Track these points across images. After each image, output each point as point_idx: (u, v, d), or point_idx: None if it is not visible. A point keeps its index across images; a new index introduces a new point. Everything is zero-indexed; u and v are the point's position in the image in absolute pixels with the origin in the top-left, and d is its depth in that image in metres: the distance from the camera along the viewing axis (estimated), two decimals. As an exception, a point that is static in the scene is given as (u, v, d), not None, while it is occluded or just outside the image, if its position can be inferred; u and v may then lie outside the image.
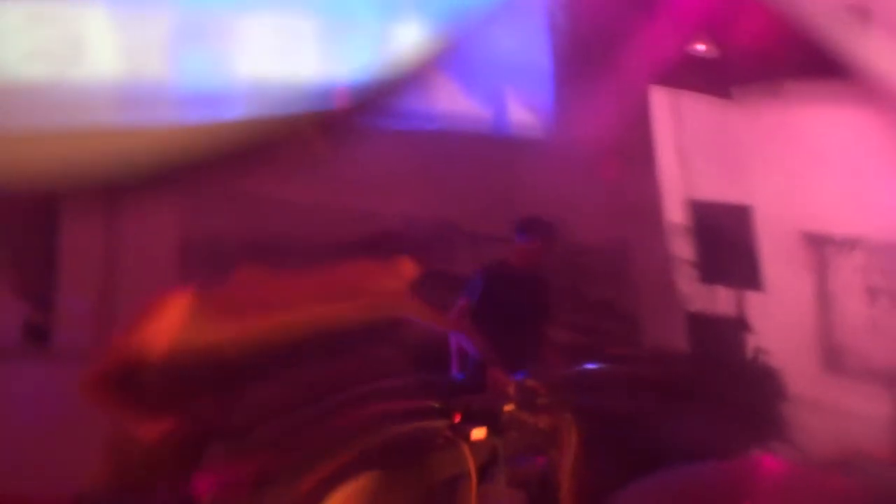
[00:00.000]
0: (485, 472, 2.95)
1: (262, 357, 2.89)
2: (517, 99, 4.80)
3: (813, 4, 4.29)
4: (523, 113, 4.80)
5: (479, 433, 2.97)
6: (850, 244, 4.51)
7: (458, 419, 2.93)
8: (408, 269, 3.31)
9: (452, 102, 4.50)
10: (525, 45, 4.78)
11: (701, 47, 4.88)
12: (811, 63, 4.33)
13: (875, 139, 4.22)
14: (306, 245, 4.09)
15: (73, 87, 3.68)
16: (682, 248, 4.71)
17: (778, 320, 4.48)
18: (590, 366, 3.76)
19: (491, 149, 4.35)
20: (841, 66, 4.16)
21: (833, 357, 4.42)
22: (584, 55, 4.81)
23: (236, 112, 3.77)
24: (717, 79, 5.03)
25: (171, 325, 2.82)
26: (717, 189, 4.73)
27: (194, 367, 2.82)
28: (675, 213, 4.74)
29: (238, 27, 3.99)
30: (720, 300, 4.66)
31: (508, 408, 3.09)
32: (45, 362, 3.83)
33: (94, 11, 3.79)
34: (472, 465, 2.86)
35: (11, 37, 3.66)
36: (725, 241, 4.67)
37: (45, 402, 3.64)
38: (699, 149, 4.80)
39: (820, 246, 4.63)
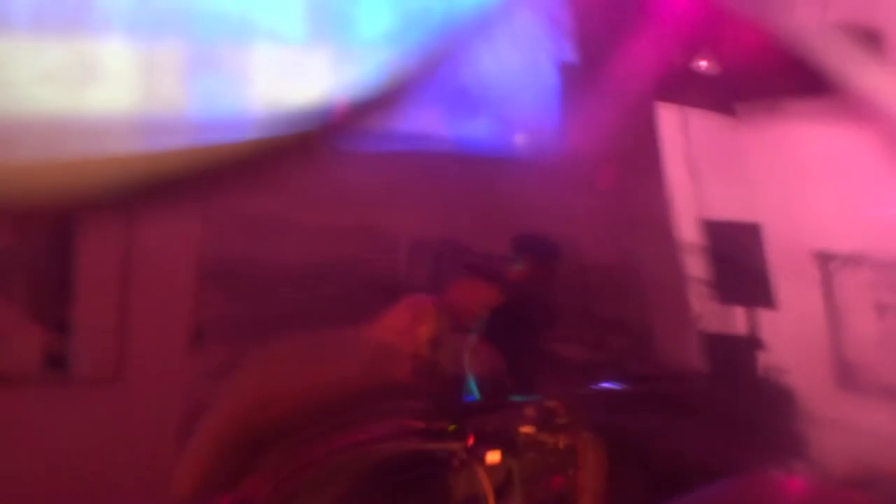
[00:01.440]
0: (501, 493, 2.95)
1: None
2: (525, 117, 4.84)
3: (810, 28, 4.35)
4: (531, 131, 4.84)
5: (494, 456, 2.97)
6: (855, 260, 4.53)
7: (472, 441, 2.94)
8: (490, 296, 3.35)
9: (457, 122, 4.54)
10: (528, 61, 4.82)
11: (703, 63, 4.93)
12: (812, 81, 4.38)
13: (876, 156, 4.26)
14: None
15: (88, 113, 3.75)
16: (694, 266, 4.73)
17: (790, 338, 4.49)
18: (604, 384, 3.77)
19: (500, 168, 4.38)
20: (840, 85, 4.20)
21: (846, 374, 4.42)
22: (587, 71, 4.86)
23: (243, 135, 3.83)
24: (720, 95, 5.07)
25: (424, 330, 3.07)
26: (726, 206, 4.75)
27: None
28: (686, 230, 4.77)
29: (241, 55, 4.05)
30: (733, 318, 4.67)
31: (526, 429, 3.10)
32: (64, 388, 3.85)
33: (109, 37, 3.86)
34: (487, 488, 2.87)
35: (25, 61, 3.73)
36: (736, 259, 4.68)
37: (64, 428, 3.67)
38: (708, 165, 4.83)
39: (827, 263, 4.65)
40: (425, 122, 4.40)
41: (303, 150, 3.86)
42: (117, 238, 3.97)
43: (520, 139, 4.73)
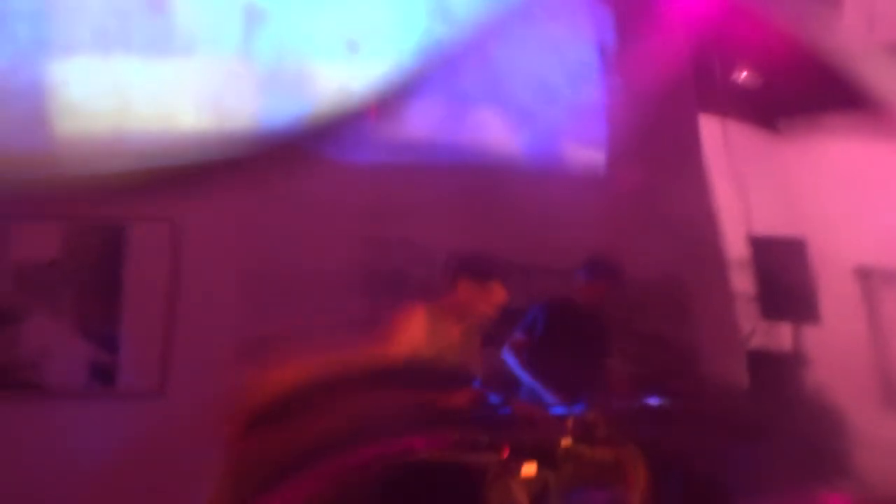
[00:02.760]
0: (539, 504, 2.94)
1: None
2: (573, 133, 4.85)
3: (849, 44, 4.32)
4: (579, 147, 4.86)
5: (529, 468, 2.96)
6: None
7: (507, 453, 2.94)
8: (499, 295, 3.36)
9: (506, 137, 4.57)
10: (576, 77, 4.84)
11: (743, 74, 4.91)
12: (852, 98, 4.35)
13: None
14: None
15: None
16: (739, 282, 4.69)
17: (835, 355, 4.43)
18: (650, 400, 3.74)
19: (548, 183, 4.40)
20: (882, 103, 4.17)
21: (891, 393, 4.35)
22: (633, 86, 4.86)
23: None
24: (761, 109, 5.05)
25: (414, 335, 3.19)
26: (769, 221, 4.71)
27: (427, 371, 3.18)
28: (733, 246, 4.74)
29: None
30: (777, 335, 4.62)
31: (565, 442, 3.09)
32: (111, 402, 3.92)
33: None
34: (522, 499, 2.86)
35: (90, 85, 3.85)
36: (780, 274, 4.64)
37: (108, 440, 3.73)
38: (751, 179, 4.80)
39: (867, 279, 4.60)
40: (463, 134, 4.45)
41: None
42: (165, 252, 4.04)
43: (562, 151, 4.75)
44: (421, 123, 4.39)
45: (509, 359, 3.98)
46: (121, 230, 4.04)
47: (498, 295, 3.37)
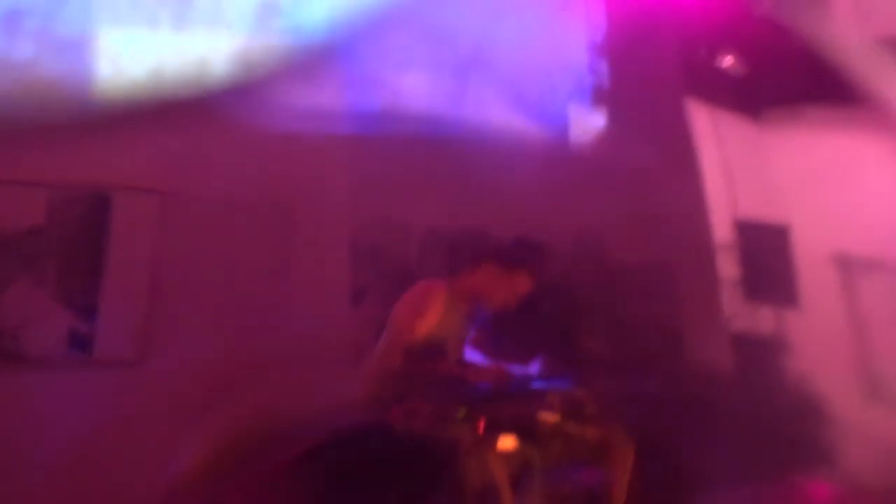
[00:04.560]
0: (520, 483, 2.90)
1: None
2: (557, 113, 4.84)
3: (842, 37, 4.32)
4: (563, 126, 4.85)
5: (506, 442, 2.93)
6: (876, 266, 4.48)
7: (482, 427, 2.90)
8: (524, 284, 3.33)
9: (488, 113, 4.54)
10: (565, 58, 4.83)
11: (728, 60, 4.91)
12: (839, 90, 4.36)
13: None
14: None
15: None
16: (724, 266, 4.69)
17: (817, 343, 4.44)
18: (632, 383, 3.73)
19: (528, 160, 4.38)
20: (869, 95, 4.18)
21: (872, 382, 4.35)
22: (621, 70, 4.86)
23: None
24: (748, 99, 5.05)
25: (432, 314, 3.15)
26: (753, 207, 4.72)
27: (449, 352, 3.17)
28: (717, 229, 4.73)
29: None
30: (760, 320, 4.61)
31: (549, 417, 3.05)
32: (89, 370, 3.88)
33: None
34: (499, 474, 2.83)
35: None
36: (765, 259, 4.64)
37: (88, 409, 3.69)
38: (736, 166, 4.80)
39: (848, 267, 4.61)
40: (443, 109, 4.42)
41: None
42: (149, 222, 4.01)
43: (546, 130, 4.74)
44: (400, 97, 4.37)
45: (474, 356, 3.95)
46: (107, 198, 4.00)
47: (522, 284, 3.32)
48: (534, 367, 3.27)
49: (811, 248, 4.60)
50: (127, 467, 3.57)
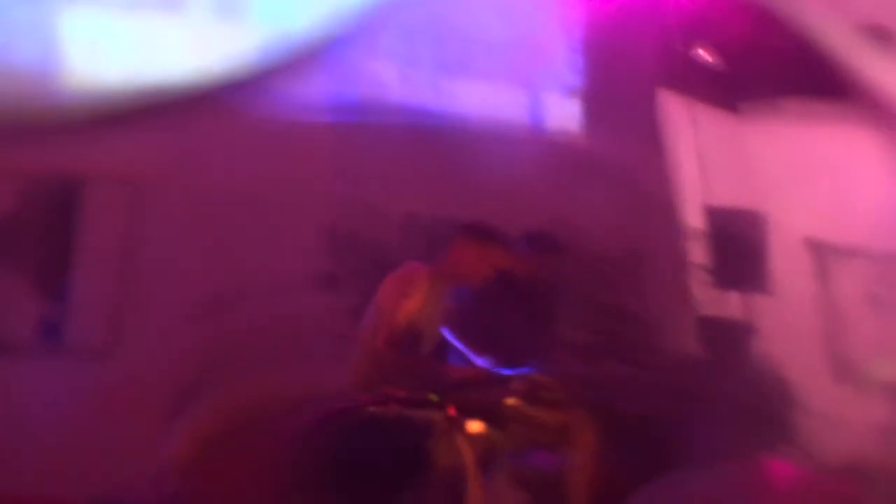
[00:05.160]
0: (486, 466, 2.95)
1: None
2: (532, 99, 4.86)
3: (824, 23, 4.36)
4: (537, 113, 4.87)
5: (475, 426, 2.99)
6: (851, 253, 4.57)
7: (453, 411, 2.95)
8: (501, 257, 3.35)
9: (467, 102, 4.56)
10: (542, 50, 4.85)
11: (704, 52, 4.95)
12: (815, 81, 4.41)
13: (874, 155, 4.30)
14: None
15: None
16: (696, 253, 4.75)
17: (787, 327, 4.51)
18: (602, 367, 3.79)
19: (504, 147, 4.40)
20: (848, 82, 4.22)
21: (840, 365, 4.44)
22: (597, 61, 4.88)
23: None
24: (725, 90, 5.09)
25: (415, 298, 3.12)
26: (727, 195, 4.78)
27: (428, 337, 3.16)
28: (689, 217, 4.80)
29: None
30: (730, 306, 4.69)
31: (512, 402, 3.10)
32: (60, 358, 3.86)
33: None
34: (468, 457, 2.88)
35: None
36: (735, 245, 4.71)
37: (59, 398, 3.67)
38: (711, 155, 4.85)
39: (822, 254, 4.69)
40: (422, 99, 4.43)
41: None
42: (121, 210, 3.98)
43: (522, 117, 4.76)
44: (380, 85, 4.37)
45: (450, 339, 3.98)
46: (78, 186, 3.97)
47: (499, 257, 3.35)
48: (524, 369, 3.29)
49: (786, 234, 4.65)
50: (101, 456, 3.56)
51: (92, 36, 3.78)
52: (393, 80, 4.40)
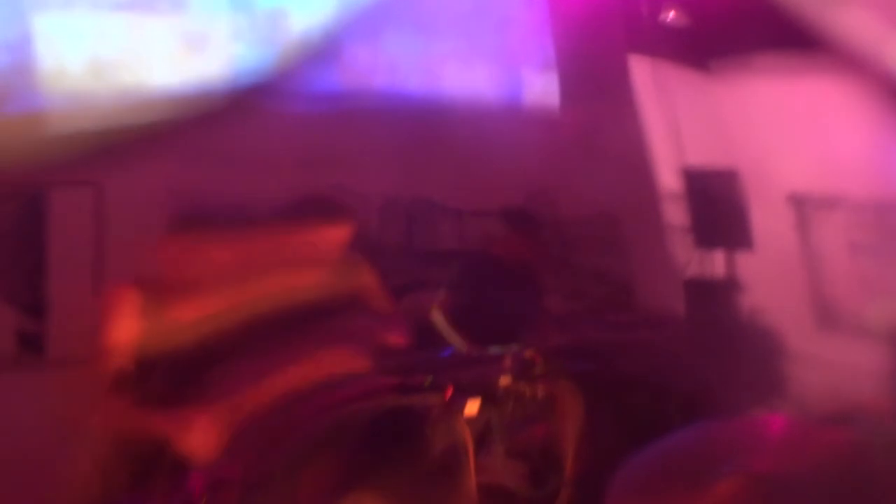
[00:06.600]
0: (482, 444, 2.95)
1: (227, 337, 2.74)
2: (503, 71, 4.83)
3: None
4: (509, 86, 4.84)
5: (472, 407, 2.98)
6: (829, 203, 4.56)
7: (450, 393, 2.94)
8: (339, 235, 3.04)
9: (439, 77, 4.52)
10: (513, 21, 4.81)
11: (671, 14, 4.92)
12: (784, 34, 4.38)
13: (849, 105, 4.28)
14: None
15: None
16: (673, 214, 4.74)
17: (769, 279, 4.51)
18: (586, 333, 3.78)
19: (477, 123, 4.37)
20: (815, 36, 4.20)
21: (826, 313, 4.44)
22: (564, 24, 4.85)
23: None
24: (692, 51, 5.07)
25: (128, 327, 2.72)
26: (702, 155, 4.77)
27: (158, 363, 2.72)
28: (663, 178, 4.78)
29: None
30: (712, 263, 4.69)
31: (505, 380, 3.10)
32: (40, 371, 3.82)
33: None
34: (467, 438, 2.86)
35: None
36: (714, 204, 4.70)
37: (40, 411, 3.63)
38: (683, 115, 4.83)
39: (802, 206, 4.68)
40: (390, 75, 4.39)
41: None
42: (88, 217, 3.93)
43: (494, 90, 4.73)
44: (356, 67, 4.32)
45: (437, 319, 3.96)
46: (41, 195, 3.92)
47: (339, 236, 3.04)
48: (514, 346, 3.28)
49: (765, 189, 4.66)
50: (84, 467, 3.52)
51: (60, 34, 3.73)
52: (369, 63, 4.35)
